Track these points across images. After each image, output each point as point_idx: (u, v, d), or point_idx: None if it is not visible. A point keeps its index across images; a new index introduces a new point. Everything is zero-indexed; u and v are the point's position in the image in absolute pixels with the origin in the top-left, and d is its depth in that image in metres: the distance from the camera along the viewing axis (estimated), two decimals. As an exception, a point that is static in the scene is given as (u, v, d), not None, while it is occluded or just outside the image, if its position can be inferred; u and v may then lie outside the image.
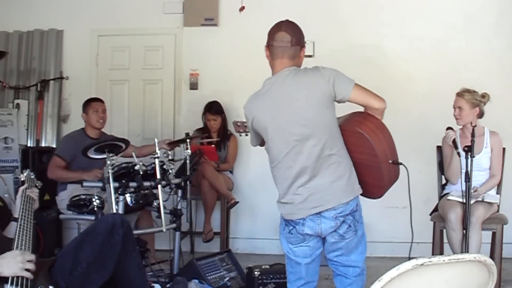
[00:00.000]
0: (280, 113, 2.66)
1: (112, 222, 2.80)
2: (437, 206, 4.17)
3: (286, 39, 2.68)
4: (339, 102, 2.70)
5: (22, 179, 3.05)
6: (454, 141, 3.77)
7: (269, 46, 2.73)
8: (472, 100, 3.99)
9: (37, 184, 3.09)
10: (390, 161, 2.67)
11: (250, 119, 2.77)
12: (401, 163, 2.69)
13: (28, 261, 2.32)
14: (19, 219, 2.66)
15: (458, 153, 3.73)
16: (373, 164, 2.68)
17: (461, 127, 4.10)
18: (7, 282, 2.25)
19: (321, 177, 2.64)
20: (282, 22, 2.75)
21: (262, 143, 2.87)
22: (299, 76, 2.68)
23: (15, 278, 2.25)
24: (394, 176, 2.74)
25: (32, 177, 3.09)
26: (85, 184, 3.94)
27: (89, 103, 4.77)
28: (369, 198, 2.80)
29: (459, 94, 4.04)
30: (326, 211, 2.64)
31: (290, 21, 2.76)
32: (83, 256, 2.64)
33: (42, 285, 2.28)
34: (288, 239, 2.76)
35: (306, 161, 2.64)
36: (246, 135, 3.33)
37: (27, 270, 2.30)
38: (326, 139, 2.64)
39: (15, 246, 2.43)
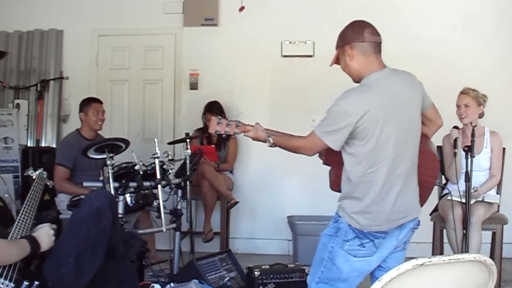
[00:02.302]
0: (395, 112, 2.43)
1: (97, 207, 2.51)
2: (437, 206, 4.17)
3: (378, 34, 2.54)
4: None
5: (33, 177, 3.17)
6: (455, 141, 3.78)
7: (358, 42, 2.48)
8: (478, 98, 4.01)
9: (48, 183, 3.24)
10: (437, 183, 2.62)
11: (360, 114, 2.36)
12: (440, 185, 2.63)
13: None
14: (27, 200, 2.70)
15: (455, 153, 3.74)
16: (428, 185, 2.60)
17: (461, 126, 4.10)
18: None
19: (410, 185, 2.51)
20: (362, 20, 2.56)
21: (322, 152, 2.57)
22: (402, 77, 2.57)
23: (5, 272, 2.19)
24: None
25: (45, 176, 3.22)
26: (85, 184, 3.93)
27: (89, 104, 4.67)
28: None
29: (465, 92, 4.04)
30: (409, 221, 2.50)
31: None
32: (69, 250, 2.41)
33: (27, 281, 2.22)
34: (353, 252, 2.44)
35: (404, 166, 2.46)
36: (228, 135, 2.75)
37: None
38: (418, 146, 2.52)
39: (14, 227, 2.44)
